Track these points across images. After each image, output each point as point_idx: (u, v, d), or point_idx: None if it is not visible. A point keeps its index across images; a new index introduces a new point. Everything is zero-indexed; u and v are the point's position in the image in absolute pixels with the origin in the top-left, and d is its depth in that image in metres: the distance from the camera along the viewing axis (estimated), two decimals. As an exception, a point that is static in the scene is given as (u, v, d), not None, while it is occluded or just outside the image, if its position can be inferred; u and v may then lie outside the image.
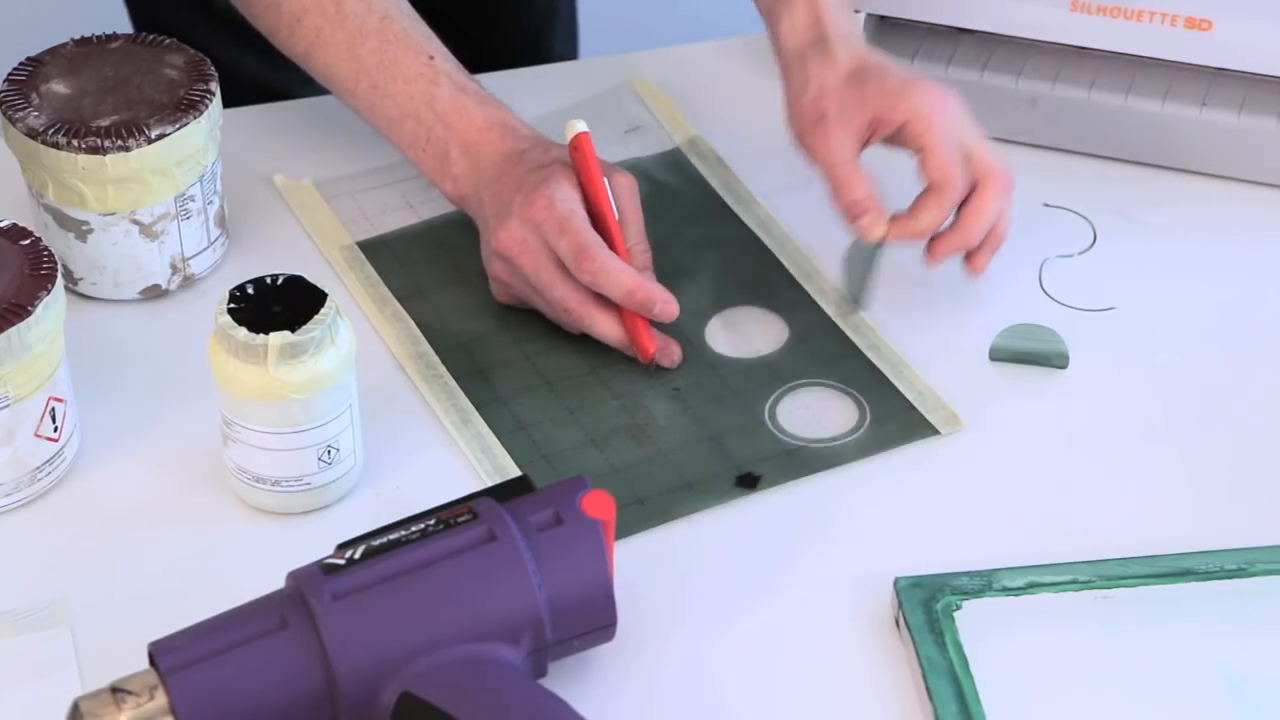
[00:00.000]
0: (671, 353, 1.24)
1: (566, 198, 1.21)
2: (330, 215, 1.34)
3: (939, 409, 1.20)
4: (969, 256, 1.26)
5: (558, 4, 1.78)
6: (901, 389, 1.22)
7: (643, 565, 1.12)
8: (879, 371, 1.23)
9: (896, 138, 1.24)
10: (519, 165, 1.24)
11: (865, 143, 1.25)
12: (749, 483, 1.17)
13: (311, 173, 1.37)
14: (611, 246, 1.21)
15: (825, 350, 1.25)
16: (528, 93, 1.29)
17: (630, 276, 1.20)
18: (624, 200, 1.24)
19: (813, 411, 1.21)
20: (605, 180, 1.23)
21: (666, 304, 1.21)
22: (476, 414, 1.20)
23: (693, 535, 1.14)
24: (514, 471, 1.17)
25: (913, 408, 1.21)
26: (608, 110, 1.41)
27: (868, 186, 1.24)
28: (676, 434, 1.20)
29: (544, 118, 1.35)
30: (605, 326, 1.22)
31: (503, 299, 1.27)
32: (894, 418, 1.20)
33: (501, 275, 1.25)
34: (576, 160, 1.23)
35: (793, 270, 1.30)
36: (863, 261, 1.26)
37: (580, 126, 1.23)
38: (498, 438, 1.19)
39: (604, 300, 1.22)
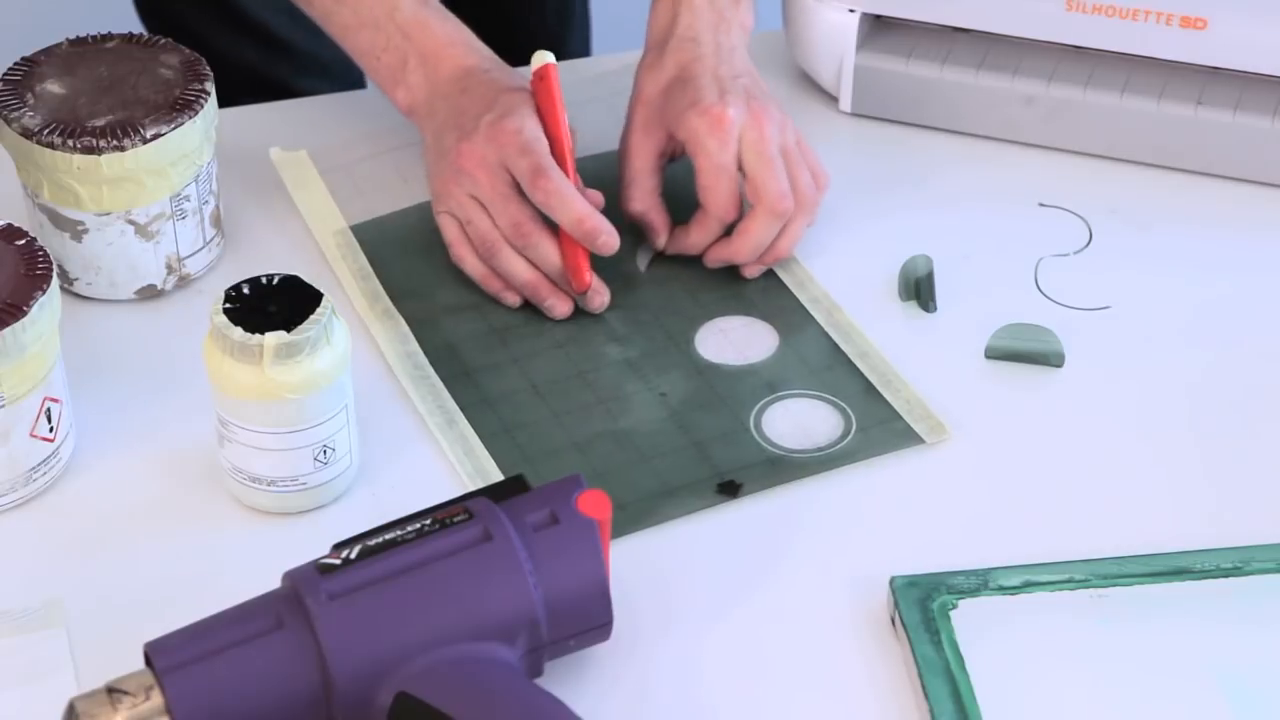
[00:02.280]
0: (602, 294, 1.26)
1: (534, 127, 1.25)
2: (323, 192, 1.34)
3: (925, 418, 1.20)
4: (741, 266, 1.30)
5: (572, 4, 1.79)
6: (889, 398, 1.21)
7: (641, 565, 1.11)
8: (867, 380, 1.22)
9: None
10: (483, 82, 1.28)
11: (668, 155, 1.30)
12: (730, 490, 1.16)
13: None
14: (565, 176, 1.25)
15: (814, 359, 1.24)
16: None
17: (582, 205, 1.24)
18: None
19: (798, 420, 1.20)
20: (565, 114, 1.26)
21: (610, 236, 1.24)
22: (461, 415, 1.20)
23: (690, 535, 1.14)
24: (496, 474, 1.17)
25: (899, 417, 1.20)
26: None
27: (656, 198, 1.29)
28: (660, 440, 1.19)
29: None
30: (548, 250, 1.25)
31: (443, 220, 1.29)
32: (880, 427, 1.19)
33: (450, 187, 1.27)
34: (539, 89, 1.26)
35: (786, 279, 1.30)
36: None
37: (548, 58, 1.27)
38: (481, 440, 1.19)
39: (551, 228, 1.25)
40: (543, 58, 1.27)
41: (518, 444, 1.19)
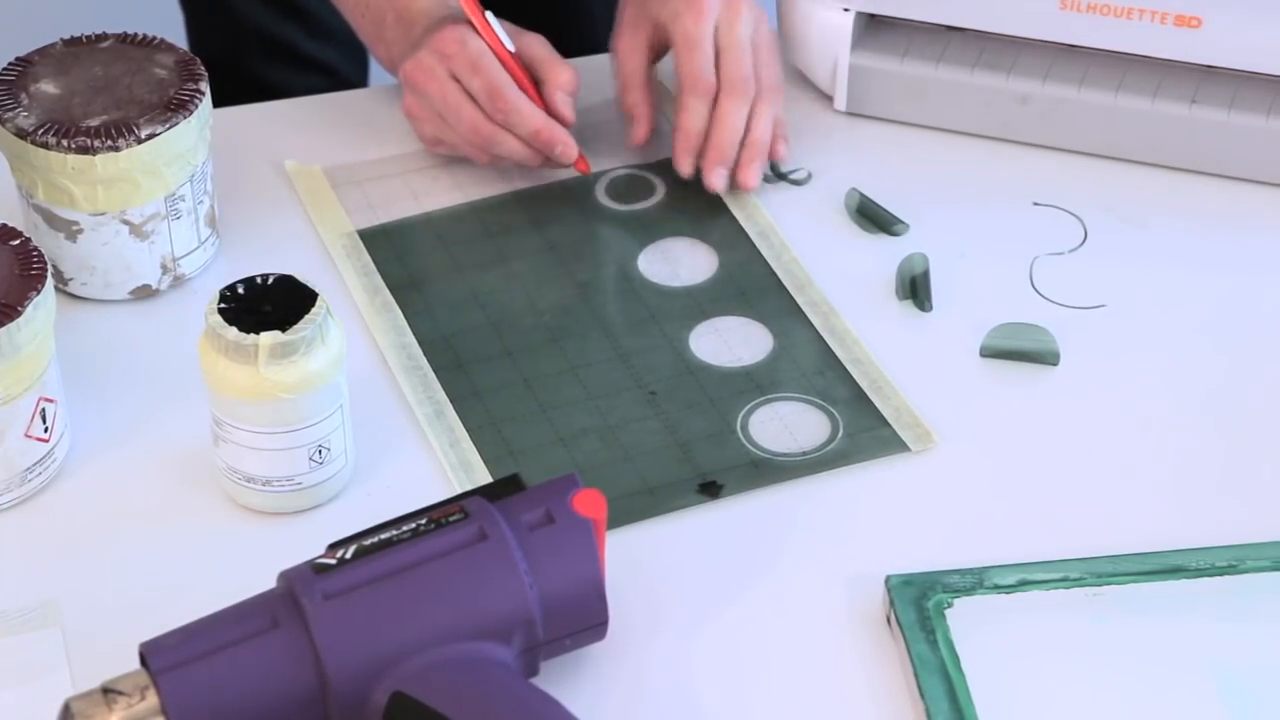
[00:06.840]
0: (570, 149, 1.32)
1: (476, 40, 1.32)
2: (334, 202, 1.34)
3: (913, 426, 1.19)
4: (735, 174, 1.33)
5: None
6: (878, 405, 1.21)
7: (637, 565, 1.12)
8: (858, 386, 1.22)
9: None
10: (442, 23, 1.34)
11: (657, 50, 1.35)
12: (711, 490, 1.16)
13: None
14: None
15: (807, 362, 1.24)
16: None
17: (538, 118, 1.30)
18: (536, 51, 1.33)
19: (785, 424, 1.20)
20: (496, 24, 1.31)
21: (567, 146, 1.31)
22: (450, 407, 1.20)
23: (686, 534, 1.14)
24: (480, 467, 1.17)
25: (886, 424, 1.20)
26: None
27: (646, 93, 1.34)
28: (645, 438, 1.19)
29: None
30: (513, 146, 1.31)
31: (426, 141, 1.35)
32: (866, 434, 1.19)
33: (413, 109, 1.34)
34: (465, 9, 1.31)
35: (786, 281, 1.29)
36: None
37: None
38: (468, 432, 1.19)
39: None
40: None
41: (503, 437, 1.19)
